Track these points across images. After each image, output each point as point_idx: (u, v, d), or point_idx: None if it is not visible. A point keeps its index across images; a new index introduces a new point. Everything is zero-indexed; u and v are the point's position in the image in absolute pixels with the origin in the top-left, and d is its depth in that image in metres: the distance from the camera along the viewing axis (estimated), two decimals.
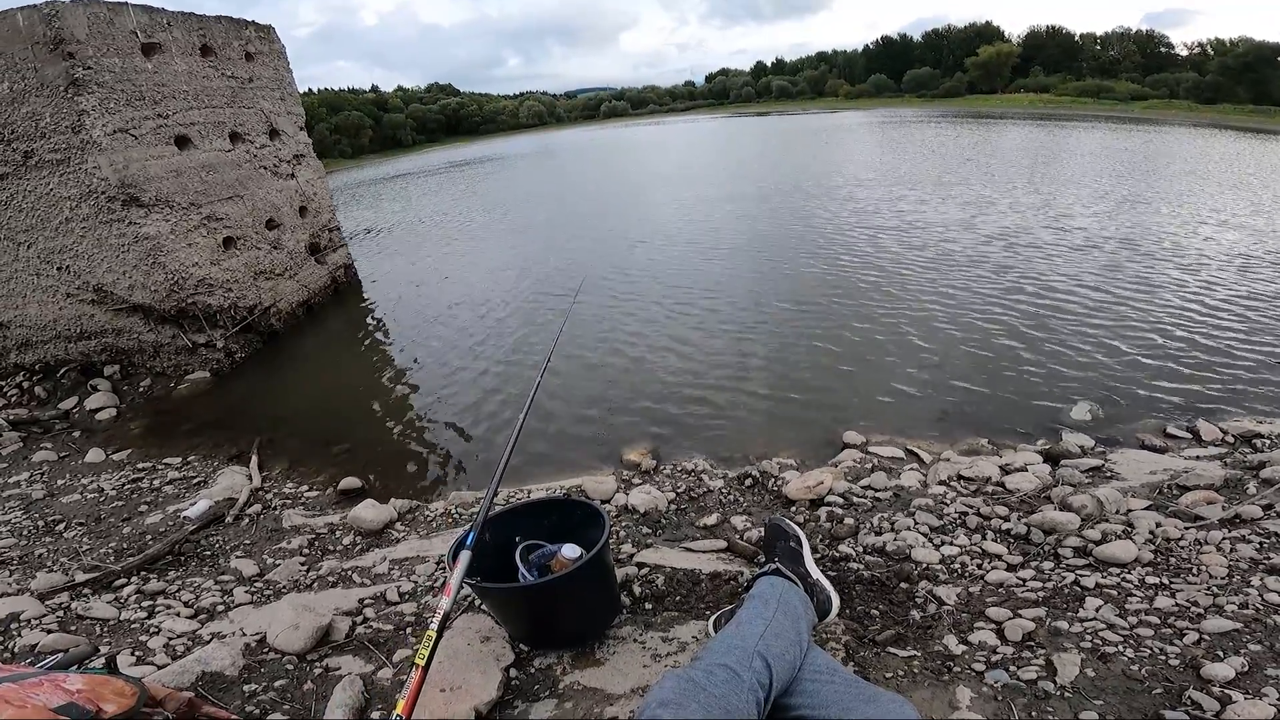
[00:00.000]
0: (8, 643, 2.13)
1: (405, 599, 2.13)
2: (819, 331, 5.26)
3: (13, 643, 2.12)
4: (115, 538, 3.10)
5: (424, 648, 1.25)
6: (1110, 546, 1.99)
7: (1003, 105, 41.39)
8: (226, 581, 2.59)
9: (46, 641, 2.05)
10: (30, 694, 1.13)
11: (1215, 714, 1.32)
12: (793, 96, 68.87)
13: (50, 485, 3.92)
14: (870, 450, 3.36)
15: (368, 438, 4.38)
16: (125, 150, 4.91)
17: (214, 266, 5.62)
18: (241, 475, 3.80)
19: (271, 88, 6.83)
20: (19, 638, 2.15)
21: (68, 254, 5.19)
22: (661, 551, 2.24)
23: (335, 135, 50.57)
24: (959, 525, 2.28)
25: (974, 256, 6.86)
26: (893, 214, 9.20)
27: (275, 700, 1.64)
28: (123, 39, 4.94)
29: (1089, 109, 36.01)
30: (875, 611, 1.80)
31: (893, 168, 14.35)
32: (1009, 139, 19.67)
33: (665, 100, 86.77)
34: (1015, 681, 1.48)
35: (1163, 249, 6.69)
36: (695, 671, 1.14)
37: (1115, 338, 4.65)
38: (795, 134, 28.37)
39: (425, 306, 7.24)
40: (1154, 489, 2.49)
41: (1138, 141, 17.72)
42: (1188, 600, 1.72)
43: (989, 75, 50.25)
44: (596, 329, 5.75)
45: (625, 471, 3.37)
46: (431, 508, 3.19)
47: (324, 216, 7.65)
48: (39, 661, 1.47)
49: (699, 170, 17.94)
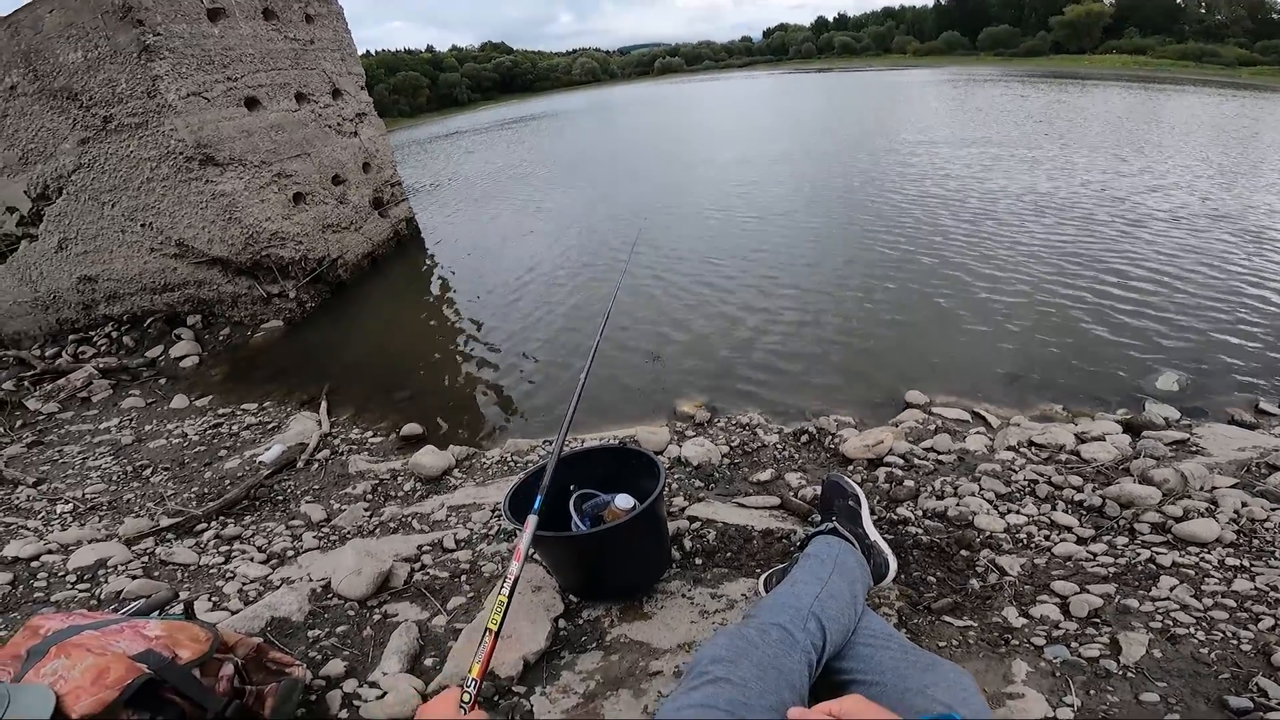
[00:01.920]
0: (94, 589, 2.20)
1: (461, 546, 2.18)
2: (882, 288, 5.05)
3: (99, 590, 2.19)
4: (197, 482, 3.26)
5: (496, 613, 1.24)
6: (1191, 524, 1.87)
7: (1091, 66, 37.92)
8: (296, 526, 2.69)
9: (131, 587, 2.11)
10: (111, 641, 1.18)
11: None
12: (856, 53, 65.20)
13: (139, 431, 4.13)
14: (934, 411, 3.21)
15: (428, 385, 4.50)
16: (199, 113, 5.10)
17: (285, 221, 5.83)
18: (312, 421, 3.95)
19: (332, 49, 6.93)
20: (105, 584, 2.22)
21: (150, 211, 5.46)
22: (714, 506, 2.22)
23: (394, 95, 51.34)
24: (1027, 493, 2.18)
25: (1055, 220, 6.37)
26: (964, 175, 8.66)
27: (336, 645, 1.70)
28: (189, 5, 5.07)
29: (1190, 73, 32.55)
30: (932, 578, 1.74)
31: (964, 127, 13.52)
32: (1097, 101, 18.12)
33: (721, 56, 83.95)
34: (1076, 658, 1.42)
35: (1263, 221, 6.09)
36: (749, 630, 1.13)
37: (1207, 308, 4.29)
38: (859, 90, 26.98)
39: (484, 258, 7.36)
40: (1242, 466, 2.31)
41: (1244, 107, 16.01)
42: (1268, 584, 1.62)
43: (1077, 35, 45.48)
44: (654, 284, 5.69)
45: (679, 423, 3.33)
46: (488, 455, 3.24)
47: (386, 172, 7.82)
48: (123, 608, 1.56)
49: (755, 127, 17.34)
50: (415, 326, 5.77)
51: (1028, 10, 51.79)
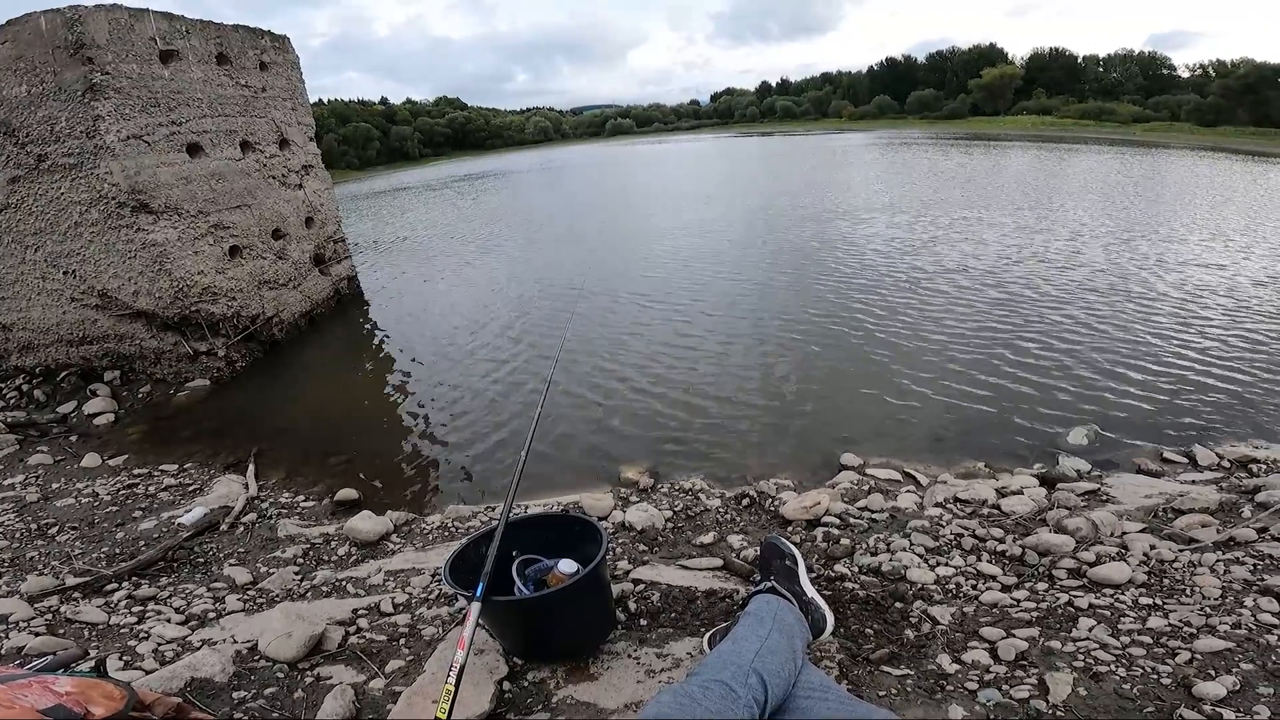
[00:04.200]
0: None
1: (399, 610, 2.13)
2: (818, 354, 5.29)
3: (1, 645, 2.10)
4: (108, 542, 3.09)
5: (444, 702, 1.26)
6: (1104, 568, 2.00)
7: (1005, 127, 41.80)
8: (219, 589, 2.58)
9: (35, 644, 2.04)
10: (18, 695, 1.12)
11: None
12: (797, 117, 69.61)
13: (45, 489, 3.90)
14: (867, 472, 3.37)
15: (366, 449, 4.38)
16: (138, 156, 4.96)
17: (219, 275, 5.65)
18: (238, 484, 3.79)
19: (284, 98, 6.91)
20: (7, 640, 2.13)
21: (74, 258, 5.22)
22: (658, 568, 2.25)
23: (343, 146, 51.05)
24: (954, 546, 2.29)
25: (971, 282, 6.89)
26: (890, 238, 9.26)
27: (265, 708, 1.63)
28: (142, 45, 5.01)
29: (1090, 131, 36.30)
30: (870, 630, 1.80)
31: (891, 191, 14.47)
32: (1012, 163, 19.84)
33: (670, 119, 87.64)
34: (1008, 700, 1.48)
35: (1160, 277, 6.72)
36: (691, 687, 1.15)
37: (1114, 364, 4.67)
38: (797, 155, 28.62)
39: (427, 320, 7.28)
40: (1149, 512, 2.49)
41: (1137, 166, 17.86)
42: (1180, 620, 1.73)
43: (992, 97, 50.90)
44: (596, 346, 5.78)
45: (623, 489, 3.38)
46: (428, 521, 3.20)
47: (330, 227, 7.70)
48: (27, 664, 1.46)
49: (698, 190, 18.08)
50: (353, 388, 5.62)
51: (949, 74, 57.17)
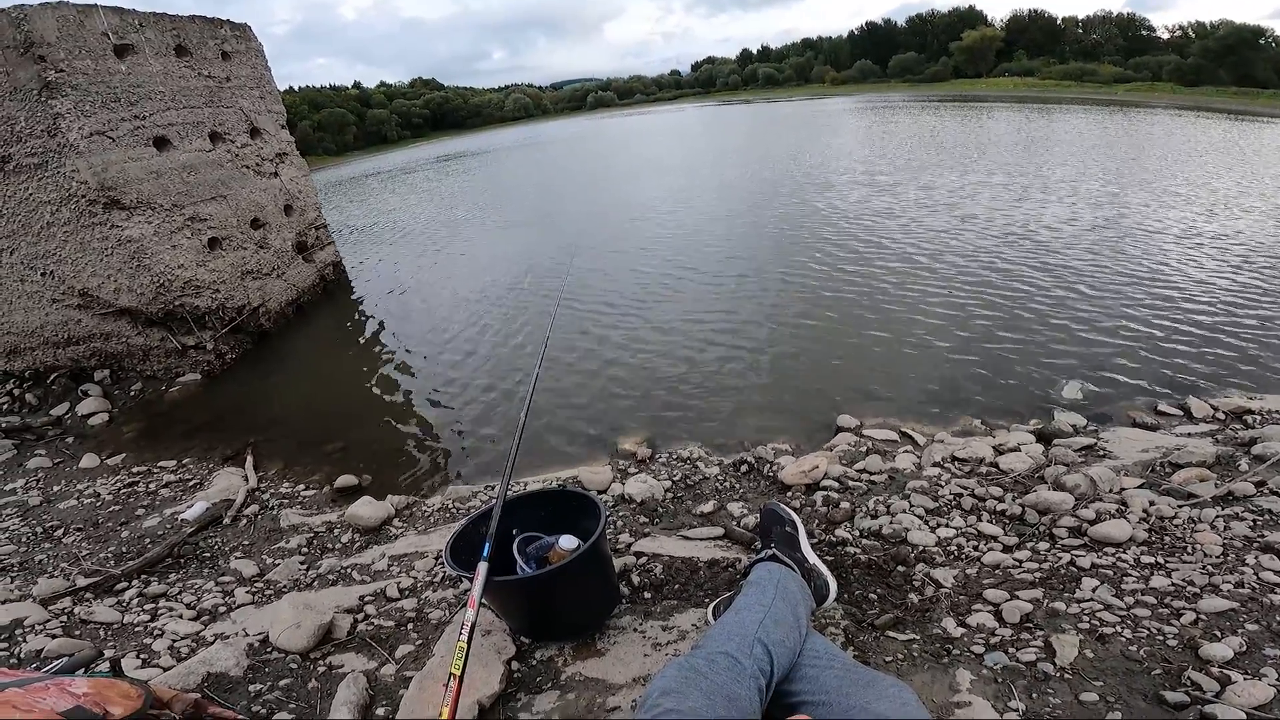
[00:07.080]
0: (12, 649, 2.12)
1: (405, 595, 2.13)
2: (810, 317, 5.25)
3: (17, 649, 2.11)
4: (114, 542, 3.08)
5: (458, 658, 1.29)
6: (1105, 526, 1.99)
7: (988, 88, 41.43)
8: (227, 582, 2.59)
9: (51, 647, 2.04)
10: (37, 698, 1.13)
11: (1215, 694, 1.32)
12: (779, 83, 68.66)
13: (46, 492, 3.88)
14: (864, 433, 3.35)
15: (362, 435, 4.35)
16: (103, 153, 4.83)
17: (200, 268, 5.55)
18: (237, 476, 3.77)
19: (250, 86, 6.73)
20: (24, 643, 2.13)
21: (51, 259, 5.11)
22: (659, 540, 2.24)
23: (319, 132, 50.06)
24: (954, 507, 2.29)
25: (963, 241, 6.86)
26: (880, 201, 9.18)
27: (281, 699, 1.64)
28: (94, 41, 4.85)
29: (1073, 92, 36.04)
30: (873, 595, 1.80)
31: (879, 154, 14.32)
32: (996, 124, 19.65)
33: (651, 90, 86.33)
34: (1014, 663, 1.47)
35: (1150, 231, 6.71)
36: (697, 659, 1.15)
37: (1106, 318, 4.67)
38: (782, 120, 28.25)
39: (415, 302, 7.19)
40: (1147, 467, 2.49)
41: (1121, 125, 17.74)
42: (1184, 580, 1.72)
43: (973, 59, 50.45)
44: (588, 321, 5.72)
45: (621, 461, 3.36)
46: (428, 503, 3.18)
47: (310, 214, 7.57)
48: (44, 666, 1.46)
49: (685, 158, 17.87)
50: (346, 375, 5.56)
51: (930, 38, 56.55)
